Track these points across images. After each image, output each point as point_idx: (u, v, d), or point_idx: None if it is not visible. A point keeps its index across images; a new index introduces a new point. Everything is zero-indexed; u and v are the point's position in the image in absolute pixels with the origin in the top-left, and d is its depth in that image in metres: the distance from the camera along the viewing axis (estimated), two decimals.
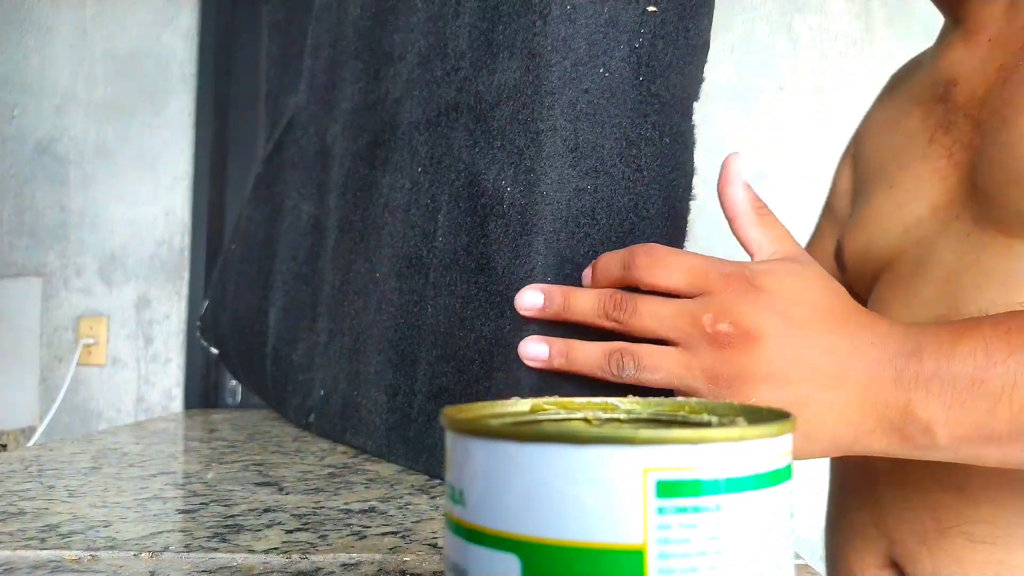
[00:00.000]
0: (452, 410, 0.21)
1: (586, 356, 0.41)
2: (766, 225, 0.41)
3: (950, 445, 0.36)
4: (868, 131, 0.70)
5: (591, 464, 0.17)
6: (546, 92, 0.44)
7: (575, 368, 0.41)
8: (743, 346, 0.37)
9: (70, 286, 2.08)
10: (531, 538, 0.17)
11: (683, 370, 0.38)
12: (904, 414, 0.36)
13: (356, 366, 0.60)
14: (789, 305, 0.38)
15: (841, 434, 0.37)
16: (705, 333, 0.37)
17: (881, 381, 0.37)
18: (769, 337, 0.37)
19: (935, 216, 0.56)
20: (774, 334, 0.37)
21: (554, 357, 0.42)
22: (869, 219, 0.61)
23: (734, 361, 0.37)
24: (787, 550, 0.19)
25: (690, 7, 0.44)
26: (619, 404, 0.24)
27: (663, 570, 0.17)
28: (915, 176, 0.58)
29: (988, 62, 0.56)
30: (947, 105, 0.58)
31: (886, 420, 0.37)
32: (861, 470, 0.58)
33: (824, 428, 0.37)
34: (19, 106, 2.13)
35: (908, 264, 0.56)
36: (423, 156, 0.55)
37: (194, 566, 0.32)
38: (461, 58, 0.52)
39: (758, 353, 0.37)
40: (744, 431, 0.18)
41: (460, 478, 0.19)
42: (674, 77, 0.44)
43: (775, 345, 0.37)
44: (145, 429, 0.75)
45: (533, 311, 0.43)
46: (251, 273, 0.83)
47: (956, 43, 0.61)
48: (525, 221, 0.44)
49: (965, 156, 0.55)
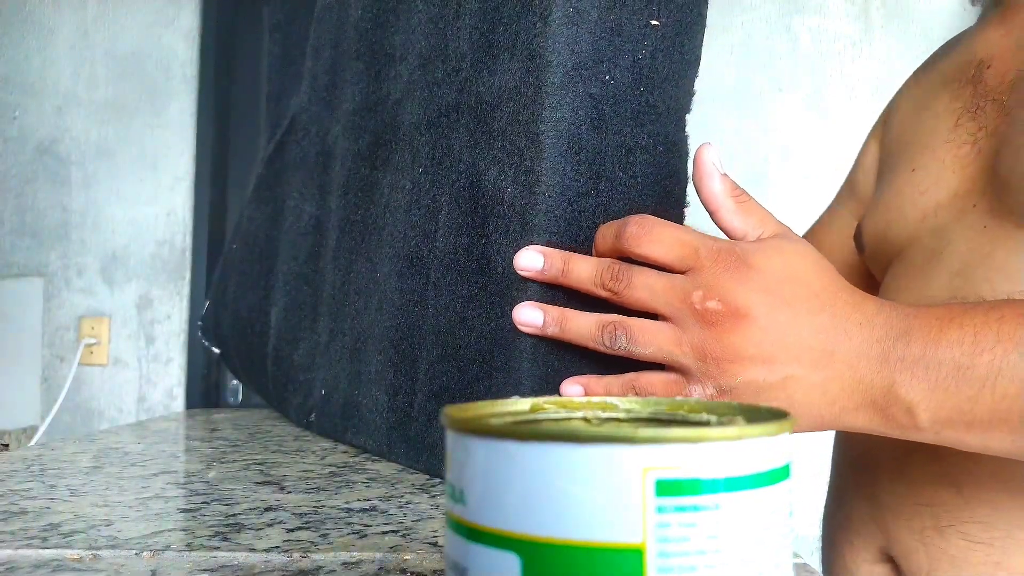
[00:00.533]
0: (452, 409, 0.21)
1: (579, 326, 0.41)
2: (747, 212, 0.41)
3: (931, 428, 0.37)
4: (897, 109, 0.69)
5: (591, 463, 0.17)
6: (547, 93, 0.44)
7: (568, 337, 0.42)
8: (732, 324, 0.37)
9: (72, 286, 2.08)
10: (531, 537, 0.17)
11: (673, 346, 0.38)
12: (888, 394, 0.37)
13: (357, 366, 0.60)
14: (779, 283, 0.38)
15: (826, 411, 0.38)
16: (695, 310, 0.38)
17: (867, 360, 0.37)
18: (758, 316, 0.37)
19: (953, 204, 0.55)
20: (763, 313, 0.37)
21: (548, 325, 0.42)
22: (890, 202, 0.61)
23: (723, 339, 0.37)
24: (786, 549, 0.19)
25: (686, 23, 0.46)
26: (618, 403, 0.25)
27: (662, 568, 0.17)
28: (938, 160, 0.57)
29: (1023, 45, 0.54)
30: (976, 88, 0.57)
31: (869, 399, 0.37)
32: (863, 463, 0.58)
33: (810, 406, 0.38)
34: (20, 107, 2.13)
35: (922, 252, 0.56)
36: (424, 157, 0.55)
37: (195, 565, 0.32)
38: (462, 59, 0.52)
39: (747, 332, 0.37)
40: (743, 430, 0.18)
41: (460, 477, 0.19)
42: (670, 89, 0.45)
43: (763, 325, 0.37)
44: (146, 429, 0.75)
45: (531, 272, 0.43)
46: (252, 273, 0.83)
47: (993, 22, 0.59)
48: (525, 221, 0.45)
49: (989, 143, 0.54)
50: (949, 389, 0.36)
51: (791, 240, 0.41)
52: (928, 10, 1.99)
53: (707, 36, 0.47)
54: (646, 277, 0.39)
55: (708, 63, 0.78)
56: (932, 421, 0.37)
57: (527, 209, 0.45)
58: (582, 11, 0.44)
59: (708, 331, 0.38)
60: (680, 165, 0.46)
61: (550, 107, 0.44)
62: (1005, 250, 0.49)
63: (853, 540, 0.58)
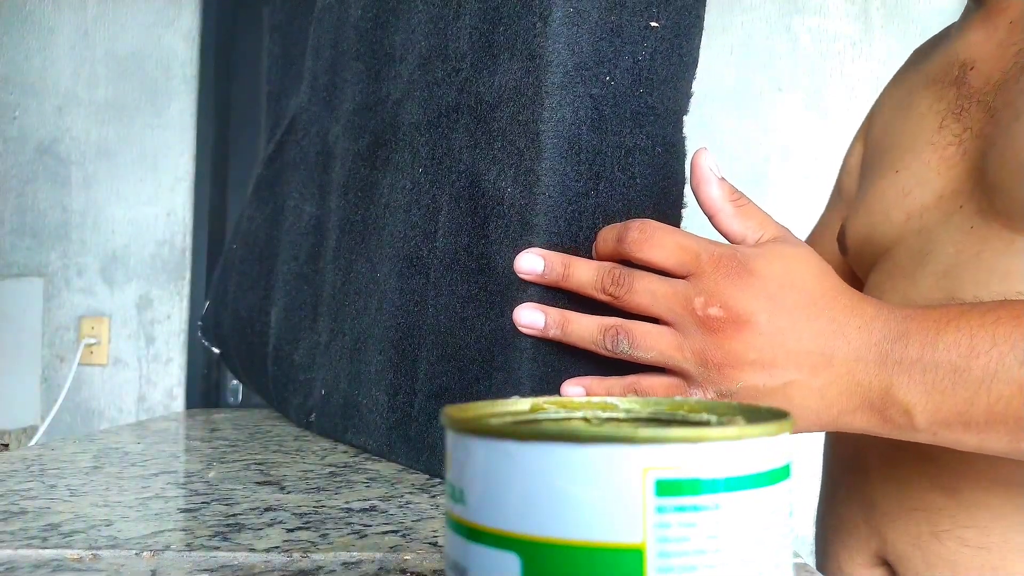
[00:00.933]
0: (453, 409, 0.21)
1: (581, 329, 0.41)
2: (746, 215, 0.41)
3: (928, 428, 0.37)
4: (881, 109, 0.69)
5: (591, 463, 0.17)
6: (547, 93, 0.44)
7: (570, 340, 0.42)
8: (733, 331, 0.37)
9: (72, 286, 2.08)
10: (531, 537, 0.17)
11: (674, 351, 0.39)
12: (885, 396, 0.37)
13: (357, 366, 0.60)
14: (780, 289, 0.38)
15: (824, 414, 0.38)
16: (696, 316, 0.38)
17: (865, 363, 0.37)
18: (759, 323, 0.38)
19: (939, 205, 0.55)
20: (764, 320, 0.38)
21: (550, 327, 0.42)
22: (873, 204, 0.61)
23: (723, 345, 0.38)
24: (786, 549, 0.19)
25: (685, 25, 0.46)
26: (618, 403, 0.25)
27: (662, 569, 0.17)
28: (923, 162, 0.57)
29: (1007, 46, 0.55)
30: (960, 89, 0.57)
31: (867, 401, 0.37)
32: (854, 465, 0.58)
33: (808, 410, 0.38)
34: (21, 107, 2.13)
35: (908, 254, 0.56)
36: (424, 157, 0.55)
37: (195, 565, 0.32)
38: (462, 59, 0.52)
39: (748, 338, 0.37)
40: (743, 430, 0.18)
41: (460, 477, 0.19)
42: (668, 91, 0.46)
43: (764, 331, 0.38)
44: (146, 428, 0.75)
45: (532, 275, 0.43)
46: (252, 273, 0.83)
47: (976, 23, 0.59)
48: (525, 221, 0.45)
49: (975, 145, 0.54)
50: (946, 391, 0.36)
51: (791, 244, 0.41)
52: (928, 10, 1.99)
53: (707, 36, 0.47)
54: (648, 282, 0.39)
55: (708, 63, 0.78)
56: (929, 423, 0.37)
57: (527, 209, 0.45)
58: (582, 12, 0.44)
59: (709, 337, 0.38)
60: (678, 167, 0.46)
61: (550, 107, 0.44)
62: (993, 251, 0.49)
63: (847, 542, 0.58)
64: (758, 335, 0.37)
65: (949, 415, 0.36)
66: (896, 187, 0.59)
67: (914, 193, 0.57)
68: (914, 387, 0.37)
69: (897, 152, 0.61)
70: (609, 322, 0.40)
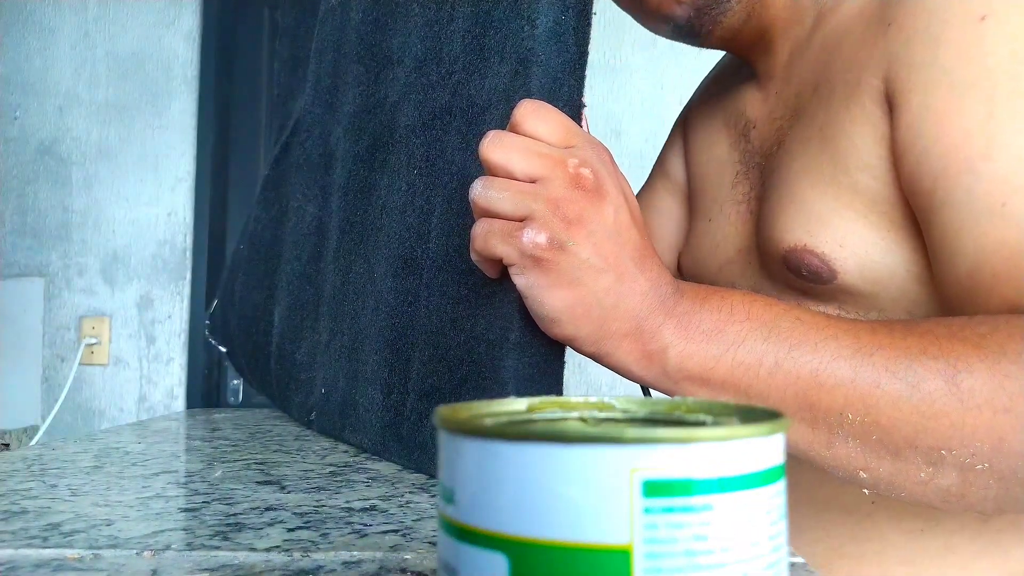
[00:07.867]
0: (444, 409, 0.21)
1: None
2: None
3: (675, 374, 0.42)
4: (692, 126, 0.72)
5: (579, 464, 0.17)
6: (535, 96, 0.45)
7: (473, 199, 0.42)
8: (595, 197, 0.40)
9: (73, 286, 2.08)
10: (519, 537, 0.17)
11: (527, 195, 0.40)
12: (654, 331, 0.41)
13: (355, 365, 0.60)
14: (627, 200, 0.42)
15: (606, 323, 0.41)
16: (567, 172, 0.40)
17: (652, 299, 0.41)
18: (609, 212, 0.41)
19: (737, 259, 0.61)
20: (613, 205, 0.41)
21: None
22: (695, 248, 0.67)
23: (580, 203, 0.40)
24: (778, 550, 0.18)
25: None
26: (615, 404, 0.25)
27: (649, 570, 0.17)
28: (725, 216, 0.63)
29: (774, 118, 0.59)
30: (746, 146, 0.62)
31: (638, 328, 0.41)
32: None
33: (601, 307, 0.41)
34: (21, 107, 2.14)
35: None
36: (418, 159, 0.56)
37: (196, 564, 0.32)
38: (455, 63, 0.53)
39: (600, 210, 0.40)
40: (733, 430, 0.18)
41: (451, 477, 0.19)
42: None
43: (609, 220, 0.41)
44: (147, 428, 0.75)
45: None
46: (258, 273, 0.83)
47: (751, 83, 0.62)
48: None
49: (755, 207, 0.59)
50: (700, 344, 0.41)
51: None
52: None
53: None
54: (526, 142, 0.41)
55: (706, 64, 0.79)
56: (678, 368, 0.41)
57: None
58: (568, 16, 0.45)
59: (573, 191, 0.40)
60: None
61: None
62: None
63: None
64: (608, 214, 0.40)
65: (695, 366, 0.41)
66: (709, 237, 0.65)
67: (721, 246, 0.63)
68: (677, 332, 0.41)
69: (708, 199, 0.67)
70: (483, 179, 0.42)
